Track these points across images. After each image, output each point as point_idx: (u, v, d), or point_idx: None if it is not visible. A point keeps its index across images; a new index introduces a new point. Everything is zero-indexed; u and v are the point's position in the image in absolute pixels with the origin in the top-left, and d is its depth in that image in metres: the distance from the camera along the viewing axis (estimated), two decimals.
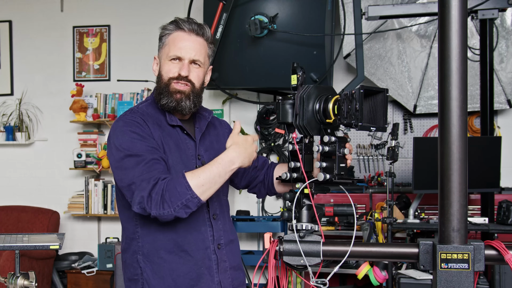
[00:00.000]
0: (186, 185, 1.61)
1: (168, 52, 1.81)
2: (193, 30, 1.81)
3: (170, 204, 1.60)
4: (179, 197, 1.60)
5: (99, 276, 4.63)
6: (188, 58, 1.80)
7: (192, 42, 1.81)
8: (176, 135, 1.83)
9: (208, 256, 1.80)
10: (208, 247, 1.80)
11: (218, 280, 1.81)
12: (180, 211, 1.62)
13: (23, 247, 2.19)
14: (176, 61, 1.81)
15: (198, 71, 1.84)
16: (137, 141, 1.70)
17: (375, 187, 4.38)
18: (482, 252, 1.22)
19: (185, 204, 1.61)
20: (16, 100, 5.12)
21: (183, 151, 1.82)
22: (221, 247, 1.84)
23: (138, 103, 2.02)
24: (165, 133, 1.81)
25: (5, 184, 5.19)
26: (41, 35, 5.17)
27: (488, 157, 3.50)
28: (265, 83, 4.24)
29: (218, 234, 1.84)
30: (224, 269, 1.84)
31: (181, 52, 1.79)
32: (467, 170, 1.21)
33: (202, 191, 1.63)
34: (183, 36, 1.81)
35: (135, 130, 1.73)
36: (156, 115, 1.84)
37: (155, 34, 2.07)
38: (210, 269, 1.80)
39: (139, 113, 1.81)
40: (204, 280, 1.78)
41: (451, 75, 1.20)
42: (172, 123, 1.83)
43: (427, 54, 4.39)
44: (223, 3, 3.96)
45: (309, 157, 1.48)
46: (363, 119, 1.27)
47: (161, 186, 1.61)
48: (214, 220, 1.84)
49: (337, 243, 1.35)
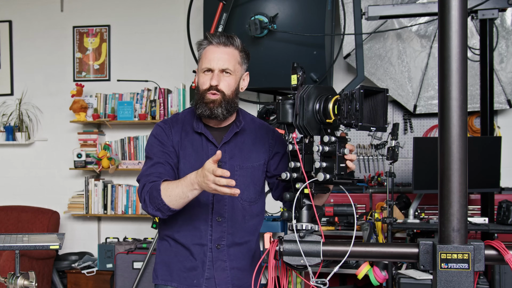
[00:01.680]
0: (159, 192, 1.83)
1: (201, 65, 1.98)
2: (220, 42, 1.97)
3: (149, 204, 1.86)
4: (154, 201, 1.85)
5: (99, 276, 4.63)
6: (217, 68, 1.95)
7: (220, 53, 1.96)
8: (199, 141, 2.00)
9: (204, 253, 1.98)
10: (205, 244, 1.98)
11: (210, 276, 1.98)
12: (156, 212, 1.86)
13: (23, 247, 2.19)
14: (208, 72, 1.96)
15: (229, 79, 1.97)
16: (155, 145, 1.99)
17: (375, 187, 4.38)
18: (482, 252, 1.22)
19: (158, 208, 1.85)
20: (16, 100, 5.12)
21: (200, 157, 1.97)
22: (221, 248, 1.98)
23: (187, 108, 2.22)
24: (188, 138, 2.01)
25: (5, 184, 5.19)
26: (41, 35, 5.17)
27: (488, 157, 3.50)
28: (265, 83, 4.23)
29: (219, 235, 1.98)
30: (223, 268, 1.99)
31: (211, 64, 1.95)
32: (467, 170, 1.21)
33: (170, 201, 1.83)
34: (212, 49, 1.97)
35: (158, 136, 2.00)
36: (190, 121, 2.04)
37: (155, 34, 2.13)
38: (203, 264, 1.98)
39: (172, 120, 2.05)
40: (195, 272, 1.98)
41: (451, 75, 1.20)
42: (197, 130, 2.00)
43: (427, 54, 4.39)
44: (223, 3, 3.96)
45: (309, 157, 1.48)
46: (363, 119, 1.27)
47: (147, 188, 1.87)
48: (217, 222, 1.97)
49: (337, 243, 1.35)
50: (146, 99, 4.82)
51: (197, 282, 1.98)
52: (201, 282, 1.98)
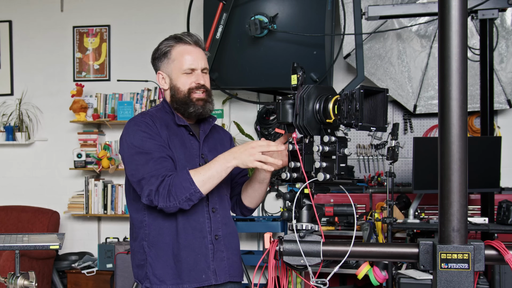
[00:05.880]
0: (190, 181, 1.82)
1: (180, 66, 1.99)
2: (196, 42, 2.02)
3: (175, 197, 1.82)
4: (183, 191, 1.81)
5: (99, 276, 4.63)
6: (200, 67, 2.00)
7: (199, 53, 2.01)
8: (182, 134, 2.02)
9: (205, 245, 1.97)
10: (205, 236, 1.97)
11: (213, 267, 1.97)
12: (184, 203, 1.83)
13: (23, 247, 2.19)
14: (190, 72, 1.99)
15: (207, 77, 2.06)
16: (146, 139, 1.91)
17: (375, 187, 4.38)
18: (482, 252, 1.22)
19: (188, 198, 1.82)
20: (16, 100, 5.12)
21: (188, 150, 2.00)
22: (219, 238, 2.01)
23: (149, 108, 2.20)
24: (172, 132, 1.99)
25: (5, 184, 5.19)
26: (41, 35, 5.17)
27: (488, 157, 3.50)
28: (265, 83, 4.23)
29: (216, 226, 2.01)
30: (221, 258, 2.00)
31: (194, 64, 1.99)
32: (467, 170, 1.21)
33: (203, 186, 1.83)
34: (190, 49, 2.00)
35: (145, 129, 1.93)
36: (165, 117, 2.03)
37: (155, 34, 2.15)
38: (206, 257, 1.97)
39: (149, 115, 2.00)
40: (200, 266, 1.96)
41: (451, 75, 1.20)
42: (180, 123, 2.01)
43: (427, 54, 4.38)
44: (223, 3, 3.96)
45: (309, 157, 1.48)
46: (363, 119, 1.27)
47: (168, 182, 1.83)
48: (213, 213, 2.00)
49: (337, 243, 1.36)
50: (146, 99, 4.82)
51: (206, 276, 1.96)
52: (210, 275, 1.96)
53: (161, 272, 1.95)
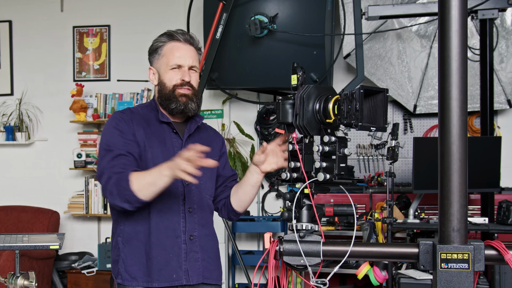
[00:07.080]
0: (128, 182, 1.81)
1: (167, 62, 2.00)
2: (187, 40, 2.02)
3: (116, 196, 1.83)
4: (123, 192, 1.81)
5: (99, 276, 4.63)
6: (187, 65, 2.00)
7: (187, 51, 2.01)
8: (163, 132, 2.01)
9: (178, 245, 1.96)
10: (178, 236, 1.96)
11: (185, 268, 1.96)
12: (124, 204, 1.83)
13: (23, 247, 2.19)
14: (176, 69, 1.99)
15: (196, 76, 2.04)
16: (115, 136, 1.93)
17: (375, 187, 4.38)
18: (482, 252, 1.22)
19: (127, 199, 1.81)
20: (16, 100, 5.12)
21: (167, 147, 1.99)
22: (194, 239, 1.99)
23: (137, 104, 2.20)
24: (152, 129, 1.99)
25: (5, 184, 5.19)
26: (41, 35, 5.17)
27: (488, 157, 3.50)
28: (265, 83, 4.24)
29: (192, 226, 1.99)
30: (195, 259, 1.99)
31: (181, 61, 1.99)
32: (467, 170, 1.21)
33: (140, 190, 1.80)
34: (180, 46, 2.01)
35: (118, 126, 1.94)
36: (148, 114, 2.03)
37: (155, 34, 2.15)
38: (178, 256, 1.96)
39: (130, 111, 2.02)
40: (171, 265, 1.94)
41: (451, 75, 1.20)
42: (163, 119, 2.01)
43: (427, 54, 4.38)
44: (223, 3, 3.95)
45: (309, 157, 1.48)
46: (363, 119, 1.27)
47: (114, 179, 1.83)
48: (189, 213, 1.99)
49: (337, 243, 1.35)
50: (146, 99, 4.82)
51: (176, 276, 1.94)
52: (180, 275, 1.95)
53: (133, 269, 1.96)
